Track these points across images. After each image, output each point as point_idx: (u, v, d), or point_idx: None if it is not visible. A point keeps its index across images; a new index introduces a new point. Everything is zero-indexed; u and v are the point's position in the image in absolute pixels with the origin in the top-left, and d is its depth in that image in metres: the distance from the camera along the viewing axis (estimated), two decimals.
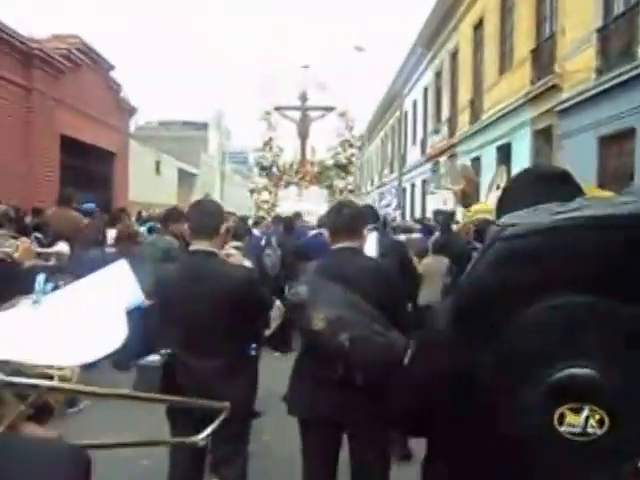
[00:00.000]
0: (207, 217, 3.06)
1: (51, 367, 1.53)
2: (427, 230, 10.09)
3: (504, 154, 16.58)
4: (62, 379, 1.57)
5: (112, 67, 16.15)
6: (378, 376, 2.51)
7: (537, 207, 1.09)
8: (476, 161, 19.27)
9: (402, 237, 9.14)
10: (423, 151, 27.44)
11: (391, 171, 35.19)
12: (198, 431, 1.81)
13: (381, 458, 2.90)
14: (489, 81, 17.96)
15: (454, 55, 22.47)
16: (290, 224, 9.28)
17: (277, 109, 18.90)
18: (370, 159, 47.37)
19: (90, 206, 10.72)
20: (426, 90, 27.56)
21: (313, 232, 9.19)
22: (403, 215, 26.68)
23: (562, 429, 0.95)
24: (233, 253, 3.92)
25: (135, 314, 1.93)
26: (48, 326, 1.59)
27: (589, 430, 0.94)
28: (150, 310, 2.75)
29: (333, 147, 18.89)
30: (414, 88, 30.09)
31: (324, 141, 19.64)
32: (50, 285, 2.16)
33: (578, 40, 11.88)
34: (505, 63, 16.90)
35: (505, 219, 1.09)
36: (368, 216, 4.25)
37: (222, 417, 1.70)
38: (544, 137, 14.19)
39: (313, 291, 2.67)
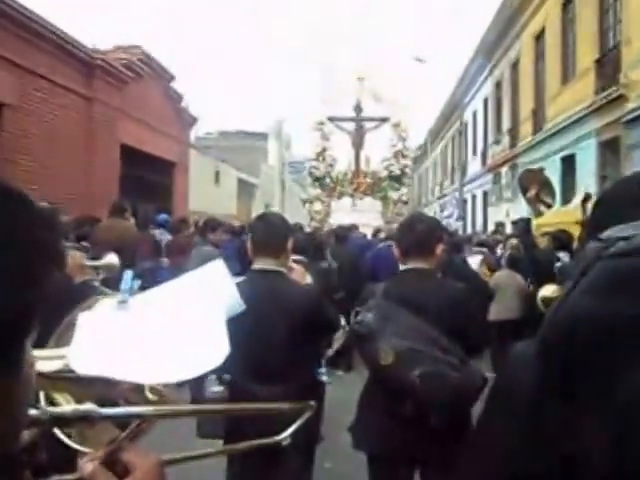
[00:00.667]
0: (273, 233, 2.83)
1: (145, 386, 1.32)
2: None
3: (569, 165, 15.98)
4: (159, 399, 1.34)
5: (173, 77, 16.51)
6: (453, 416, 2.34)
7: None
8: None
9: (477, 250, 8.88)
10: (484, 162, 26.91)
11: (451, 182, 34.71)
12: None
13: None
14: (551, 91, 17.40)
15: (515, 65, 21.94)
16: (342, 235, 9.08)
17: (331, 120, 18.85)
18: (430, 170, 46.88)
19: (164, 217, 10.90)
20: (486, 100, 27.04)
21: (382, 245, 8.65)
22: (464, 227, 26.21)
23: None
24: (294, 267, 3.60)
25: None
26: (138, 334, 1.39)
27: None
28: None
29: (387, 158, 18.63)
30: (474, 98, 29.59)
31: (379, 152, 19.48)
32: (137, 283, 1.93)
33: None
34: (568, 73, 16.34)
35: (611, 232, 0.83)
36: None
37: (306, 416, 1.51)
38: (611, 148, 13.57)
39: (381, 319, 2.44)
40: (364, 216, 17.22)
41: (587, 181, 14.57)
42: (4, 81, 10.00)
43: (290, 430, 1.50)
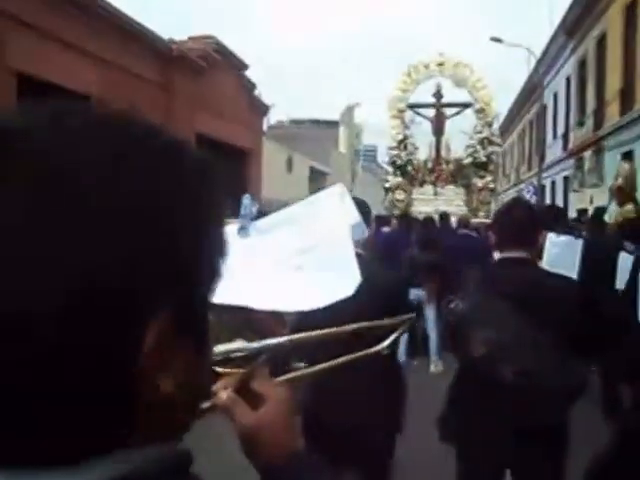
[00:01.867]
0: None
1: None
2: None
3: None
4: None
5: (246, 66, 16.49)
6: (551, 421, 2.21)
7: None
8: (628, 155, 17.54)
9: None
10: (565, 146, 25.63)
11: (529, 168, 33.38)
12: None
13: None
14: None
15: (601, 41, 20.62)
16: (429, 224, 8.90)
17: (411, 107, 18.43)
18: (506, 156, 45.36)
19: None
20: (569, 80, 25.65)
21: (462, 232, 8.88)
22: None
23: None
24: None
25: None
26: (266, 263, 1.31)
27: None
28: None
29: (471, 145, 18.02)
30: (555, 79, 28.20)
31: (460, 138, 19.00)
32: (255, 208, 2.02)
33: None
34: None
35: None
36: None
37: (407, 325, 1.43)
38: None
39: (475, 308, 2.31)
40: (446, 204, 16.72)
41: None
42: (89, 73, 10.21)
43: (389, 340, 1.39)
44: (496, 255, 2.67)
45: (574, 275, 3.58)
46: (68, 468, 0.42)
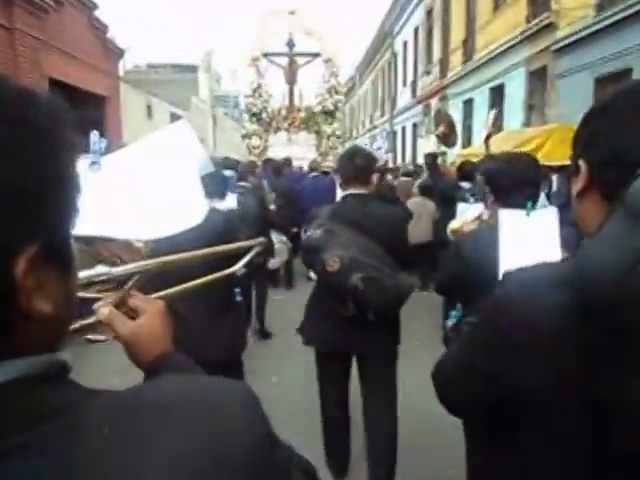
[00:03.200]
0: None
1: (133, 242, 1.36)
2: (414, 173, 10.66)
3: (497, 95, 16.14)
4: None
5: (96, 6, 15.34)
6: (387, 313, 2.84)
7: None
8: (468, 103, 18.81)
9: (405, 179, 9.50)
10: (414, 93, 26.78)
11: (382, 114, 34.52)
12: None
13: (389, 387, 3.14)
14: (483, 19, 17.26)
15: None
16: (279, 168, 9.50)
17: (265, 55, 18.70)
18: (361, 102, 46.39)
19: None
20: (417, 30, 26.63)
21: (311, 175, 9.92)
22: (395, 159, 26.30)
23: None
24: None
25: None
26: (118, 194, 1.37)
27: None
28: None
29: (320, 94, 18.81)
30: (404, 28, 29.10)
31: (312, 87, 19.69)
32: (104, 142, 2.09)
33: None
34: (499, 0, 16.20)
35: None
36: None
37: (256, 250, 1.61)
38: (538, 77, 13.75)
39: (328, 235, 2.80)
40: (299, 149, 17.91)
41: (515, 111, 14.79)
42: None
43: (243, 262, 1.59)
44: (340, 192, 3.12)
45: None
46: None
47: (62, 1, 13.50)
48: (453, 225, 3.64)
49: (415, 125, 26.41)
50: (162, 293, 1.17)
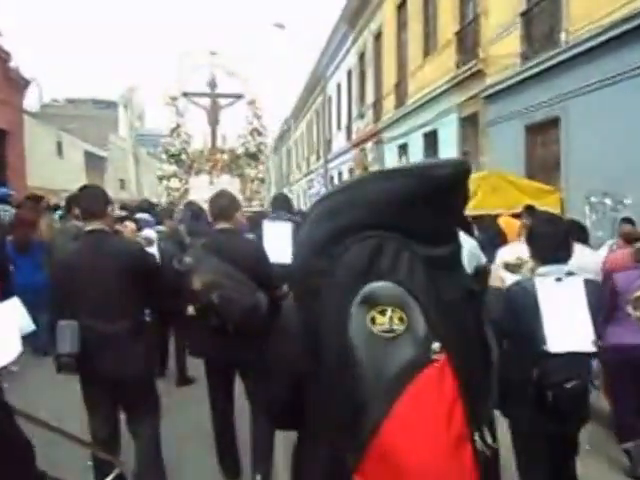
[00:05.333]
0: (94, 200, 3.60)
1: None
2: None
3: (431, 141, 16.45)
4: None
5: None
6: (244, 326, 3.53)
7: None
8: (403, 148, 19.13)
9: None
10: (349, 137, 27.16)
11: (318, 158, 34.83)
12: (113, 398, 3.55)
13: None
14: (414, 64, 17.75)
15: (378, 36, 22.18)
16: (199, 212, 9.15)
17: (185, 95, 18.75)
18: (298, 145, 46.80)
19: (4, 191, 10.27)
20: (350, 73, 27.23)
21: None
22: None
23: (375, 329, 1.20)
24: (127, 225, 5.27)
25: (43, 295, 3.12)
26: None
27: (394, 327, 1.20)
28: (55, 292, 3.50)
29: (243, 135, 18.99)
30: (337, 70, 29.72)
31: (235, 129, 19.94)
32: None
33: (502, 24, 11.74)
34: (429, 45, 16.70)
35: None
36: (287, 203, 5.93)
37: (115, 473, 2.32)
38: (470, 124, 14.10)
39: (196, 261, 3.62)
40: None
41: (449, 156, 15.07)
42: None
43: None
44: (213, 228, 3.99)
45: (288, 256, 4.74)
46: None
47: None
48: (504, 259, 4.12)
49: (351, 170, 26.69)
50: None
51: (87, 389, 3.45)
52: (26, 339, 2.66)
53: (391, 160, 19.88)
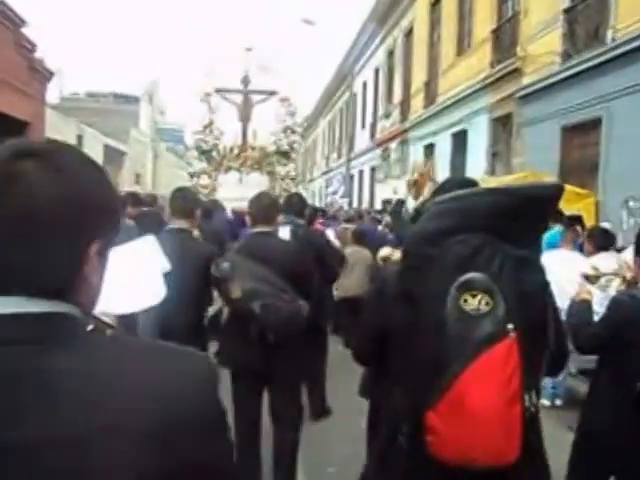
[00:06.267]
0: (184, 201, 3.96)
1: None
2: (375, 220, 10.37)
3: (459, 141, 16.26)
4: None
5: (24, 22, 14.86)
6: (286, 336, 3.42)
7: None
8: (429, 148, 18.94)
9: (345, 226, 9.20)
10: (372, 136, 27.02)
11: (339, 156, 34.73)
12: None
13: (293, 405, 3.78)
14: (445, 63, 17.59)
15: (408, 34, 22.03)
16: (208, 211, 9.14)
17: (218, 91, 18.72)
18: (317, 143, 46.72)
19: None
20: (377, 71, 27.09)
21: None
22: (350, 203, 26.26)
23: (466, 307, 1.61)
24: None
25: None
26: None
27: (481, 308, 1.61)
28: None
29: (275, 132, 18.90)
30: (365, 68, 29.60)
31: (267, 126, 19.80)
32: None
33: (543, 21, 11.54)
34: (463, 44, 16.55)
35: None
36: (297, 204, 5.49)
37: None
38: (502, 124, 13.88)
39: (233, 267, 3.42)
40: (251, 191, 17.18)
41: (478, 158, 14.88)
42: None
43: None
44: (250, 231, 3.89)
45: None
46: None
47: None
48: (382, 253, 4.55)
49: (373, 169, 26.53)
50: None
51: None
52: None
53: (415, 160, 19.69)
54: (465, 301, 1.60)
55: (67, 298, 0.87)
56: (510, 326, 1.58)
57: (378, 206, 21.57)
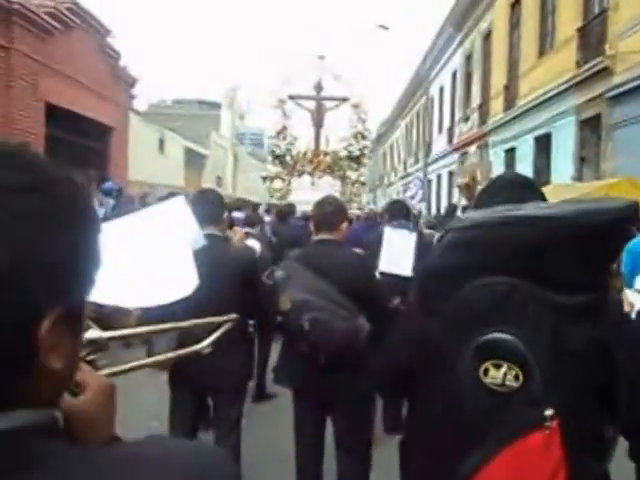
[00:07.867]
0: (209, 205, 3.48)
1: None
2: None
3: (543, 145, 15.40)
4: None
5: (108, 32, 15.19)
6: (338, 356, 2.99)
7: (493, 208, 1.39)
8: (510, 152, 18.14)
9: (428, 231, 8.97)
10: (450, 140, 26.33)
11: (416, 161, 34.15)
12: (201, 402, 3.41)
13: (359, 434, 3.28)
14: (526, 65, 16.73)
15: (487, 36, 21.23)
16: (283, 214, 9.42)
17: (292, 98, 19.10)
18: (394, 148, 46.20)
19: (110, 186, 10.44)
20: (455, 74, 26.35)
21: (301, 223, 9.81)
22: (429, 208, 25.69)
23: (486, 380, 1.20)
24: (236, 231, 4.78)
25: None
26: (112, 263, 1.27)
27: (507, 383, 1.19)
28: None
29: (346, 138, 19.02)
30: (441, 72, 28.91)
31: (339, 131, 20.08)
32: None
33: (634, 17, 10.67)
34: (545, 44, 15.69)
35: (464, 214, 1.52)
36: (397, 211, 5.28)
37: (227, 327, 1.83)
38: (590, 127, 12.98)
39: (287, 276, 3.11)
40: (323, 195, 17.52)
41: (564, 162, 14.02)
42: None
43: (210, 339, 1.83)
44: (313, 238, 3.48)
45: (408, 268, 4.46)
46: None
47: (71, 25, 13.30)
48: None
49: (451, 173, 25.82)
50: (114, 370, 1.19)
51: (175, 391, 3.42)
52: None
53: (496, 164, 18.84)
54: (486, 372, 1.22)
55: (19, 403, 0.63)
56: (549, 412, 1.17)
57: (459, 212, 20.92)
